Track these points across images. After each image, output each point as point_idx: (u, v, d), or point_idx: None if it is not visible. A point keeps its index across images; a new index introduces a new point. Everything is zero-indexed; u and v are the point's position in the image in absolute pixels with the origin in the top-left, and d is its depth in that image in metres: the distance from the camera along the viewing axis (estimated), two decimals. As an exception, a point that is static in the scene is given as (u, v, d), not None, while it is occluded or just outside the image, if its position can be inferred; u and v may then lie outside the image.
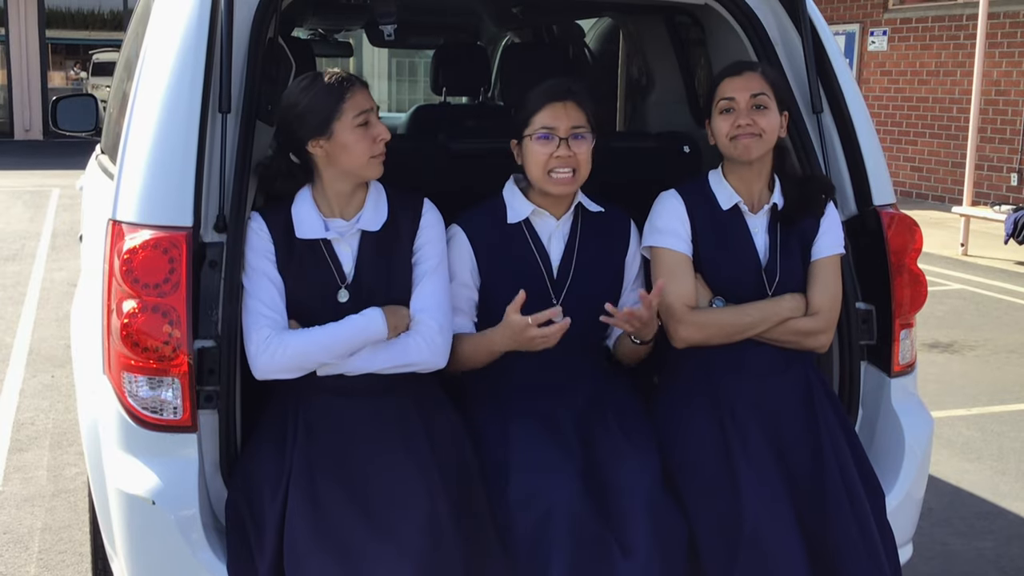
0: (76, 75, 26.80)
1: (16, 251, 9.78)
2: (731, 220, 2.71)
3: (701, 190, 2.75)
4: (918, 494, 2.90)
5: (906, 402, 2.89)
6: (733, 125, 2.65)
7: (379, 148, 2.49)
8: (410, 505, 2.31)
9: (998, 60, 13.03)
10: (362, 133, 2.46)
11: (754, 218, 2.72)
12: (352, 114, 2.45)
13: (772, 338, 2.67)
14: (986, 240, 10.89)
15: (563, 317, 2.56)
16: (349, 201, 2.54)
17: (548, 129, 2.59)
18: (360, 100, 2.47)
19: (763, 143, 2.65)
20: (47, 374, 6.06)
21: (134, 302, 2.34)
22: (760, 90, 2.66)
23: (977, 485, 4.68)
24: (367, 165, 2.48)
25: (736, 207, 2.71)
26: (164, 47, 2.54)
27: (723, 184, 2.73)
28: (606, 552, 2.33)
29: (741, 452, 2.54)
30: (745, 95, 2.65)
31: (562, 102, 2.61)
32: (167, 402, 2.37)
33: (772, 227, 2.73)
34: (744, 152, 2.65)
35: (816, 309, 2.69)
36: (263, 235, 2.48)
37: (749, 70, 2.71)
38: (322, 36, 6.30)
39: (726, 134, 2.66)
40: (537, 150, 2.60)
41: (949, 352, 6.90)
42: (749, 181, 2.72)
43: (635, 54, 4.39)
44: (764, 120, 2.64)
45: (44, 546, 3.94)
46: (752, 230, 2.71)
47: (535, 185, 2.66)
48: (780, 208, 2.73)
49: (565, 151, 2.59)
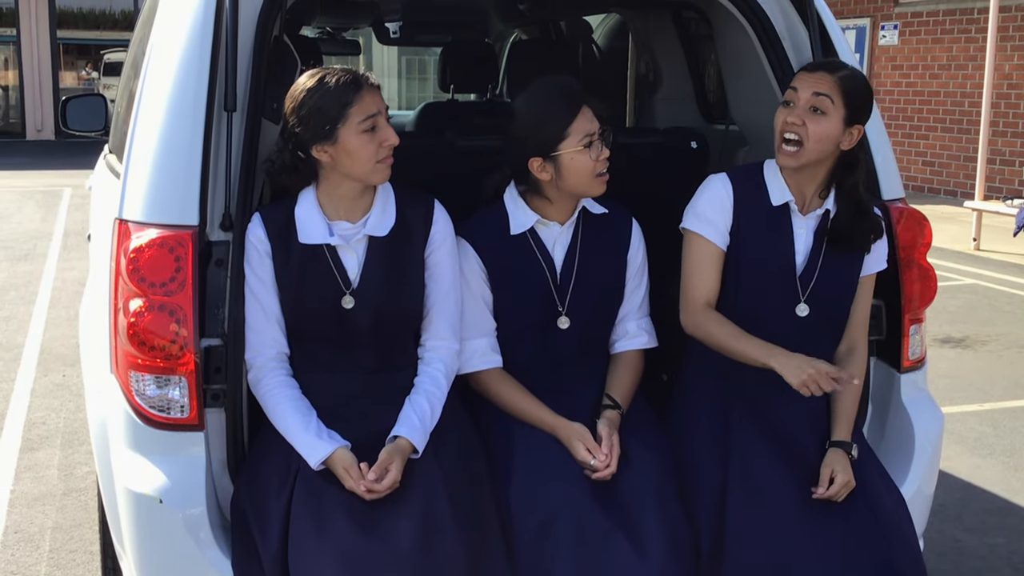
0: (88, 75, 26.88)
1: (28, 251, 9.82)
2: (778, 218, 2.63)
3: (754, 179, 2.66)
4: (928, 490, 2.89)
5: (916, 398, 2.87)
6: (784, 120, 2.56)
7: (385, 152, 2.42)
8: (405, 507, 2.29)
9: (1010, 54, 12.96)
10: (368, 138, 2.39)
11: (801, 219, 2.63)
12: (358, 119, 2.37)
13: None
14: (998, 234, 10.84)
15: (569, 326, 2.60)
16: (355, 203, 2.48)
17: (590, 136, 2.54)
18: (368, 104, 2.39)
19: (803, 154, 2.53)
20: (58, 373, 6.08)
21: (141, 301, 2.34)
22: (824, 91, 2.51)
23: (989, 481, 4.66)
24: (373, 171, 2.42)
25: (786, 205, 2.62)
26: (169, 46, 2.54)
27: (778, 178, 2.63)
28: (613, 548, 2.33)
29: (744, 455, 2.52)
30: (807, 92, 2.52)
31: (584, 104, 2.56)
32: (174, 401, 2.37)
33: (819, 233, 2.64)
34: (782, 160, 2.57)
35: (852, 342, 2.69)
36: (261, 248, 2.43)
37: (825, 70, 2.56)
38: (330, 34, 6.31)
39: (779, 129, 2.57)
40: (585, 160, 2.54)
41: (961, 347, 6.87)
42: (800, 182, 2.62)
43: (643, 50, 4.38)
44: (814, 124, 2.51)
45: (55, 545, 3.96)
46: (796, 231, 2.63)
47: (579, 193, 2.61)
48: (832, 216, 2.62)
49: (606, 151, 2.57)
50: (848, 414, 2.63)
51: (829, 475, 2.49)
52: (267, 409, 2.44)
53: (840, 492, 2.48)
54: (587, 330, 2.69)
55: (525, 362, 2.66)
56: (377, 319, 2.47)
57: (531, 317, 2.66)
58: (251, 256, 2.44)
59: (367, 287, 2.47)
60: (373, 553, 2.23)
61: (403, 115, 7.11)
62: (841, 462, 2.52)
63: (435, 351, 2.55)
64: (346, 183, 2.46)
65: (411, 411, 2.44)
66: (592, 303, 2.68)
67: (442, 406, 2.49)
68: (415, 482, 2.34)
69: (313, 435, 2.36)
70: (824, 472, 2.50)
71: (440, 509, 2.31)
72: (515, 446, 2.52)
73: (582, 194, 2.62)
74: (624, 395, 2.66)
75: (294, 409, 2.40)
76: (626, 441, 2.54)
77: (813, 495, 2.47)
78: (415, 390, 2.50)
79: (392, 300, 2.48)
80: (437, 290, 2.55)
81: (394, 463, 2.33)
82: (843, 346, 2.71)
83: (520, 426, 2.57)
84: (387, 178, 2.47)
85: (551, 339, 2.66)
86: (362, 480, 2.30)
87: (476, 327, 2.64)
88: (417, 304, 2.54)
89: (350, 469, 2.32)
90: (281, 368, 2.47)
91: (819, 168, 2.59)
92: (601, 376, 2.71)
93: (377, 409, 2.46)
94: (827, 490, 2.47)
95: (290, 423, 2.39)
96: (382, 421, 2.43)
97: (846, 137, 2.55)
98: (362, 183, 2.46)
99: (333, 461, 2.34)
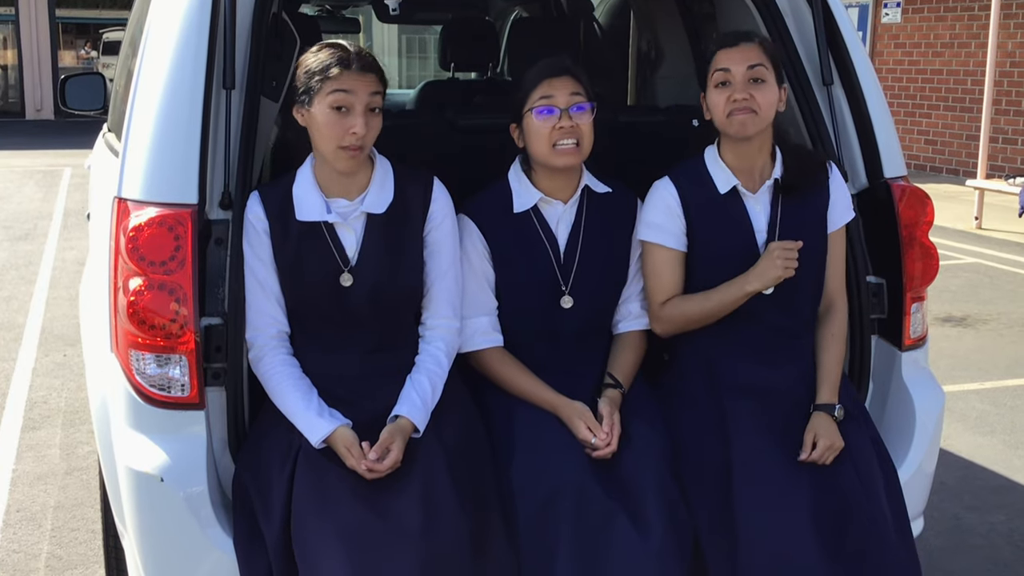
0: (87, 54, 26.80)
1: (28, 231, 9.81)
2: (729, 203, 2.64)
3: (697, 172, 2.67)
4: (929, 468, 2.89)
5: (917, 376, 2.87)
6: (729, 100, 2.56)
7: (350, 141, 2.35)
8: (407, 486, 2.30)
9: (1012, 31, 12.89)
10: (336, 117, 2.35)
11: (753, 198, 2.64)
12: (328, 92, 2.35)
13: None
14: (1001, 213, 10.81)
15: (572, 305, 2.62)
16: (352, 180, 2.47)
17: (547, 99, 2.55)
18: (346, 82, 2.34)
19: (759, 120, 2.56)
20: (59, 353, 6.08)
21: (140, 280, 2.34)
22: (757, 61, 2.55)
23: (990, 459, 4.67)
24: (335, 155, 2.38)
25: (734, 189, 2.64)
26: (167, 23, 2.53)
27: (719, 165, 2.65)
28: (614, 526, 2.33)
29: (739, 439, 2.51)
30: (742, 68, 2.55)
31: (558, 77, 2.57)
32: (175, 379, 2.37)
33: (774, 203, 2.65)
34: (740, 129, 2.56)
35: (829, 300, 2.70)
36: (259, 226, 2.43)
37: (746, 41, 2.59)
38: (329, 12, 6.27)
39: (722, 109, 2.57)
40: (539, 124, 2.56)
41: (963, 326, 6.87)
42: (749, 157, 2.64)
43: (645, 28, 4.36)
44: (761, 95, 2.54)
45: (57, 524, 3.97)
46: (752, 211, 2.64)
47: (541, 162, 2.61)
48: (780, 180, 2.66)
49: (567, 122, 2.55)
50: (831, 376, 2.63)
51: (812, 440, 2.50)
52: (268, 388, 2.44)
53: (824, 455, 2.48)
54: (590, 309, 2.68)
55: (527, 341, 2.66)
56: (376, 297, 2.46)
57: (534, 296, 2.65)
58: (250, 234, 2.43)
59: (365, 265, 2.46)
60: (376, 531, 2.23)
61: (403, 94, 7.09)
62: (824, 425, 2.53)
63: (436, 330, 2.55)
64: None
65: (412, 390, 2.44)
66: (596, 282, 2.68)
67: (443, 385, 2.49)
68: (417, 461, 2.34)
69: (314, 414, 2.37)
70: (807, 437, 2.51)
71: (442, 488, 2.31)
72: (516, 425, 2.52)
73: (544, 164, 2.61)
74: (626, 374, 2.65)
75: (295, 388, 2.40)
76: (627, 420, 2.54)
77: (798, 460, 2.48)
78: (416, 369, 2.49)
79: (391, 278, 2.48)
80: (437, 268, 2.54)
81: (395, 443, 2.33)
82: (821, 306, 2.72)
83: (521, 405, 2.57)
84: (349, 168, 2.43)
85: (554, 318, 2.66)
86: (363, 459, 2.30)
87: (477, 305, 2.63)
88: (416, 282, 2.53)
89: (351, 448, 2.32)
90: (282, 347, 2.47)
91: (766, 136, 2.64)
92: (603, 356, 2.71)
93: (378, 388, 2.46)
94: (810, 454, 2.48)
95: (291, 402, 2.39)
96: (383, 400, 2.43)
97: (779, 100, 2.62)
98: (330, 165, 2.43)
99: (334, 440, 2.34)
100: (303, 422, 2.36)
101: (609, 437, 2.46)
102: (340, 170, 2.44)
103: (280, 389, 2.42)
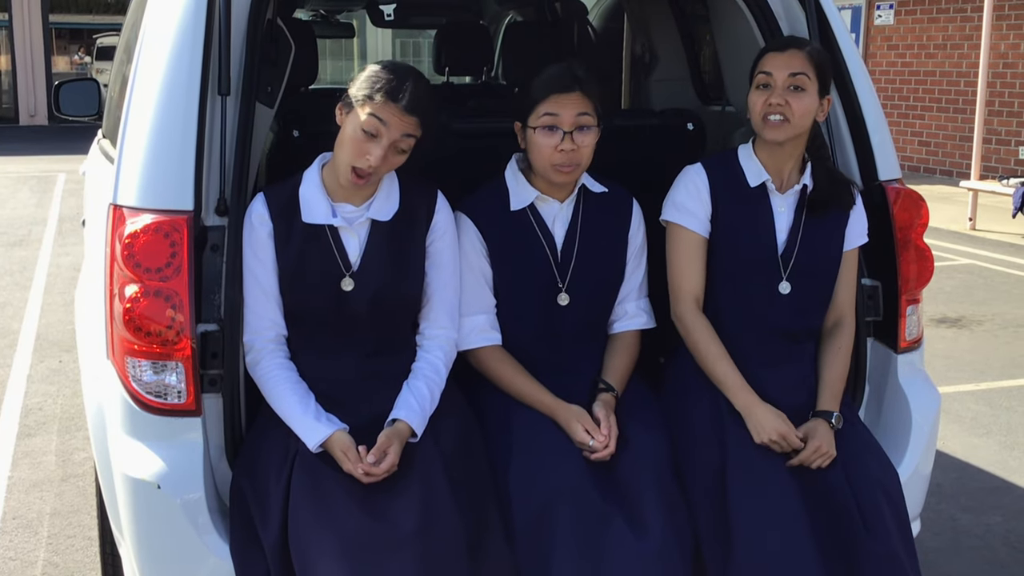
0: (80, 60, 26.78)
1: (23, 237, 9.79)
2: (756, 197, 2.67)
3: (729, 164, 2.70)
4: (926, 469, 2.89)
5: (913, 378, 2.87)
6: (765, 103, 2.58)
7: (362, 164, 2.36)
8: (404, 490, 2.30)
9: (1005, 32, 12.93)
10: (360, 137, 2.36)
11: (780, 198, 2.67)
12: (366, 112, 2.35)
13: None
14: (994, 214, 10.84)
15: (569, 303, 2.62)
16: (359, 187, 2.47)
17: (552, 117, 2.54)
18: (385, 112, 2.33)
19: (791, 128, 2.58)
20: (55, 359, 6.07)
21: (136, 287, 2.34)
22: (800, 70, 2.57)
23: (986, 460, 4.68)
24: (345, 167, 2.39)
25: (763, 185, 2.66)
26: (162, 29, 2.52)
27: (753, 160, 2.68)
28: (613, 529, 2.33)
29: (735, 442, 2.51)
30: (783, 73, 2.57)
31: (567, 93, 2.55)
32: (171, 386, 2.37)
33: (799, 209, 2.68)
34: (771, 134, 2.59)
35: (839, 315, 2.72)
36: (261, 226, 2.43)
37: (794, 47, 2.61)
38: (324, 17, 6.28)
39: (759, 111, 2.60)
40: (542, 142, 2.55)
41: (958, 327, 6.88)
42: (779, 160, 2.66)
43: (639, 31, 4.36)
44: (797, 102, 2.56)
45: (53, 531, 3.96)
46: (776, 209, 2.67)
47: (538, 172, 2.63)
48: (810, 190, 2.67)
49: (569, 144, 2.54)
50: (833, 385, 2.65)
51: (802, 439, 2.50)
52: (265, 391, 2.44)
53: (811, 458, 2.48)
54: (587, 308, 2.69)
55: (524, 339, 2.66)
56: (376, 303, 2.47)
57: (531, 293, 2.66)
58: (251, 236, 2.44)
59: (367, 270, 2.47)
60: (374, 536, 2.23)
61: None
62: (818, 429, 2.53)
63: (434, 339, 2.55)
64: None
65: (410, 395, 2.44)
66: (593, 280, 2.68)
67: (440, 392, 2.49)
68: (414, 465, 2.34)
69: (311, 418, 2.37)
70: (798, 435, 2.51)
71: (439, 492, 2.31)
72: (513, 429, 2.52)
73: (541, 175, 2.62)
74: (619, 378, 2.66)
75: (292, 392, 2.41)
76: (625, 423, 2.54)
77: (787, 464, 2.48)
78: (413, 375, 2.49)
79: (392, 284, 2.48)
80: (438, 278, 2.55)
81: (392, 446, 2.33)
82: (829, 321, 2.74)
83: (518, 409, 2.57)
84: (353, 188, 2.44)
85: (551, 316, 2.66)
86: (360, 463, 2.30)
87: (475, 303, 2.64)
88: (417, 290, 2.54)
89: (348, 452, 2.32)
90: (279, 350, 2.47)
91: (799, 142, 2.65)
92: (599, 355, 2.72)
93: (374, 392, 2.46)
94: (798, 456, 2.48)
95: (288, 406, 2.39)
96: (380, 405, 2.44)
97: (820, 109, 2.63)
98: (337, 173, 2.44)
99: (331, 444, 2.34)
100: (300, 426, 2.36)
101: (607, 440, 2.46)
102: (342, 184, 2.44)
103: (277, 393, 2.42)
